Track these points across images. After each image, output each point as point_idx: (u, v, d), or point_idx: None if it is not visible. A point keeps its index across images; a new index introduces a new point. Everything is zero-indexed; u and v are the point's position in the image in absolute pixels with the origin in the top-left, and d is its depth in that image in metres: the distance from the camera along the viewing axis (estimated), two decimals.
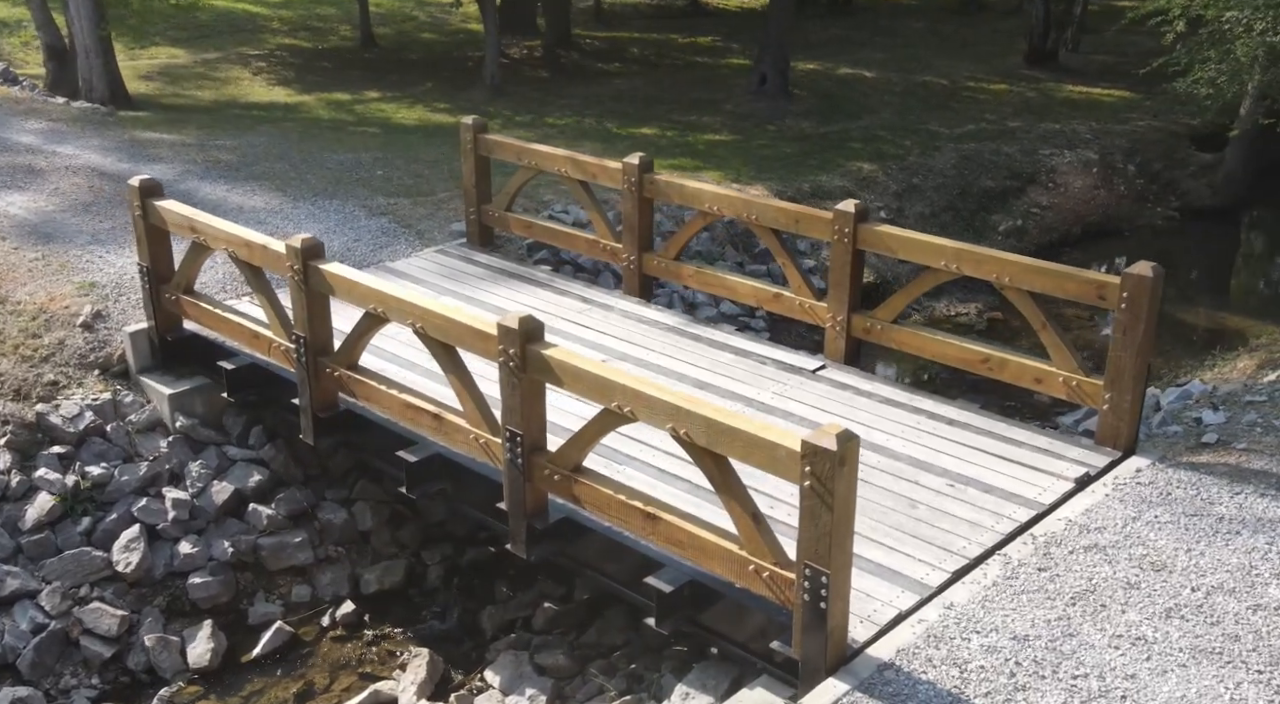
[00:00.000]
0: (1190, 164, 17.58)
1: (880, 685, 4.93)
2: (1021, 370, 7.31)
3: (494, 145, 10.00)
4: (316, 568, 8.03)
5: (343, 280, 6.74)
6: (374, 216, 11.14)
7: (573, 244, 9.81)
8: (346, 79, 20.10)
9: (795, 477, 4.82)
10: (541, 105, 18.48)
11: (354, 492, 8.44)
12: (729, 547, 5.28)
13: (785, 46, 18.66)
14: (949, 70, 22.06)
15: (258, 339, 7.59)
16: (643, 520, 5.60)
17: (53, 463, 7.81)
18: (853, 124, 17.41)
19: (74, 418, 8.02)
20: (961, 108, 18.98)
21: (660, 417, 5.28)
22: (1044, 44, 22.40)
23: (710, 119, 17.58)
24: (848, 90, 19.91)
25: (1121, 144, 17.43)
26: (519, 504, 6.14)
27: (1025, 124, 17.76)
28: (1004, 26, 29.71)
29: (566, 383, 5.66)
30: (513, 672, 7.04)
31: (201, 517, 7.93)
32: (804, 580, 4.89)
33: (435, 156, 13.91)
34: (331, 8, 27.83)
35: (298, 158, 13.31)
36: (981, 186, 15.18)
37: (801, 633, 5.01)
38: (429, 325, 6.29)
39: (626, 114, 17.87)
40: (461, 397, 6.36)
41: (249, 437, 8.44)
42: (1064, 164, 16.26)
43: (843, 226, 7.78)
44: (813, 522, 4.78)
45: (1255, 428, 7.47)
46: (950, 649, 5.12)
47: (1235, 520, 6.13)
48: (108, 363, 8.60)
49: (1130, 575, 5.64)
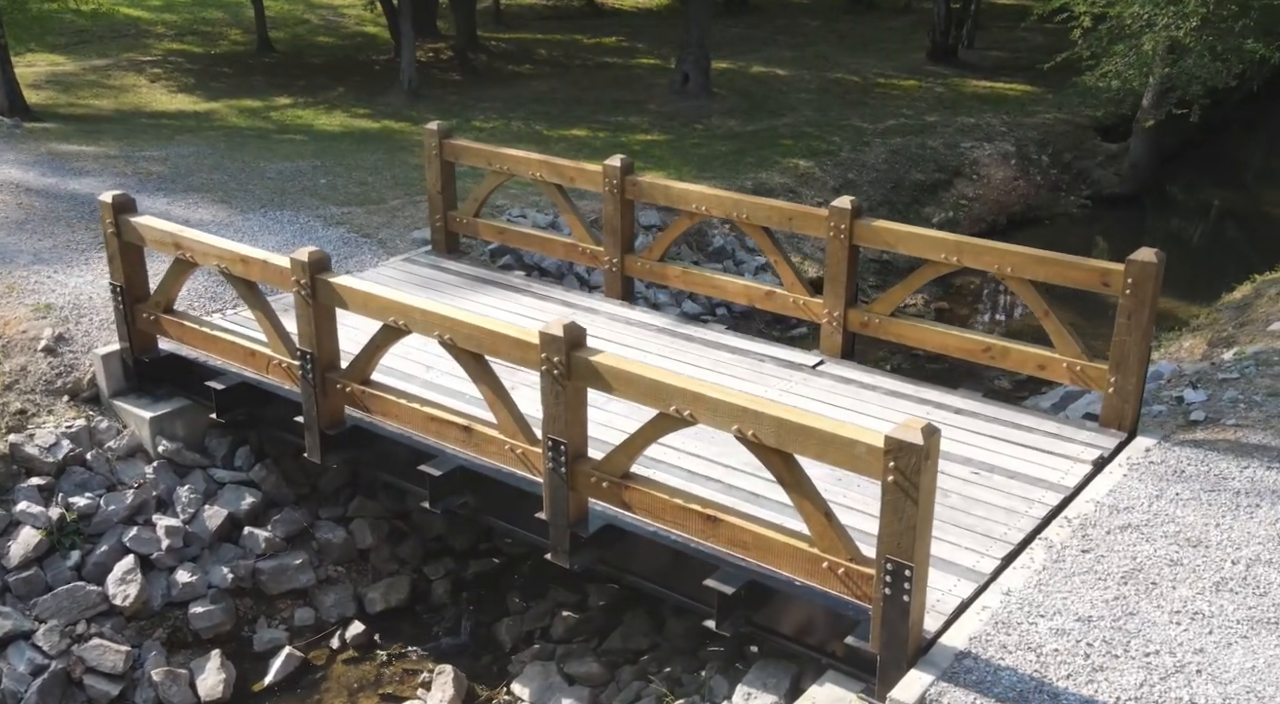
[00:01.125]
0: (1098, 154, 18.26)
1: (962, 674, 5.00)
2: (1024, 358, 7.50)
3: (461, 151, 9.84)
4: (318, 589, 7.80)
5: (357, 293, 6.56)
6: (331, 226, 10.85)
7: (549, 249, 9.71)
8: (251, 85, 19.55)
9: (875, 472, 4.85)
10: (464, 108, 18.27)
11: (349, 509, 8.22)
12: (799, 545, 5.29)
13: (706, 46, 18.78)
14: (858, 68, 22.50)
15: (254, 357, 7.33)
16: (702, 523, 5.57)
17: (33, 495, 7.42)
18: (778, 121, 17.62)
19: (51, 447, 7.64)
20: (877, 104, 19.36)
21: (724, 419, 5.26)
22: (945, 41, 22.99)
23: (637, 119, 17.60)
24: (765, 89, 20.13)
25: (1034, 136, 18.01)
26: (561, 513, 6.05)
27: (942, 118, 18.21)
28: (896, 24, 30.46)
29: (618, 388, 5.60)
30: (542, 683, 6.95)
31: (195, 543, 7.63)
32: (885, 574, 4.93)
33: (373, 163, 13.64)
34: (218, 11, 27.05)
35: (234, 168, 12.90)
36: (913, 180, 15.52)
37: (881, 626, 5.04)
38: (458, 336, 6.15)
39: (552, 116, 17.78)
40: (495, 407, 6.24)
41: (234, 458, 8.16)
42: (984, 156, 16.73)
43: (839, 223, 7.87)
44: (896, 516, 4.82)
45: (1238, 404, 7.79)
46: (1021, 634, 5.22)
47: (1252, 493, 6.39)
48: (77, 388, 8.21)
49: (1170, 552, 5.83)
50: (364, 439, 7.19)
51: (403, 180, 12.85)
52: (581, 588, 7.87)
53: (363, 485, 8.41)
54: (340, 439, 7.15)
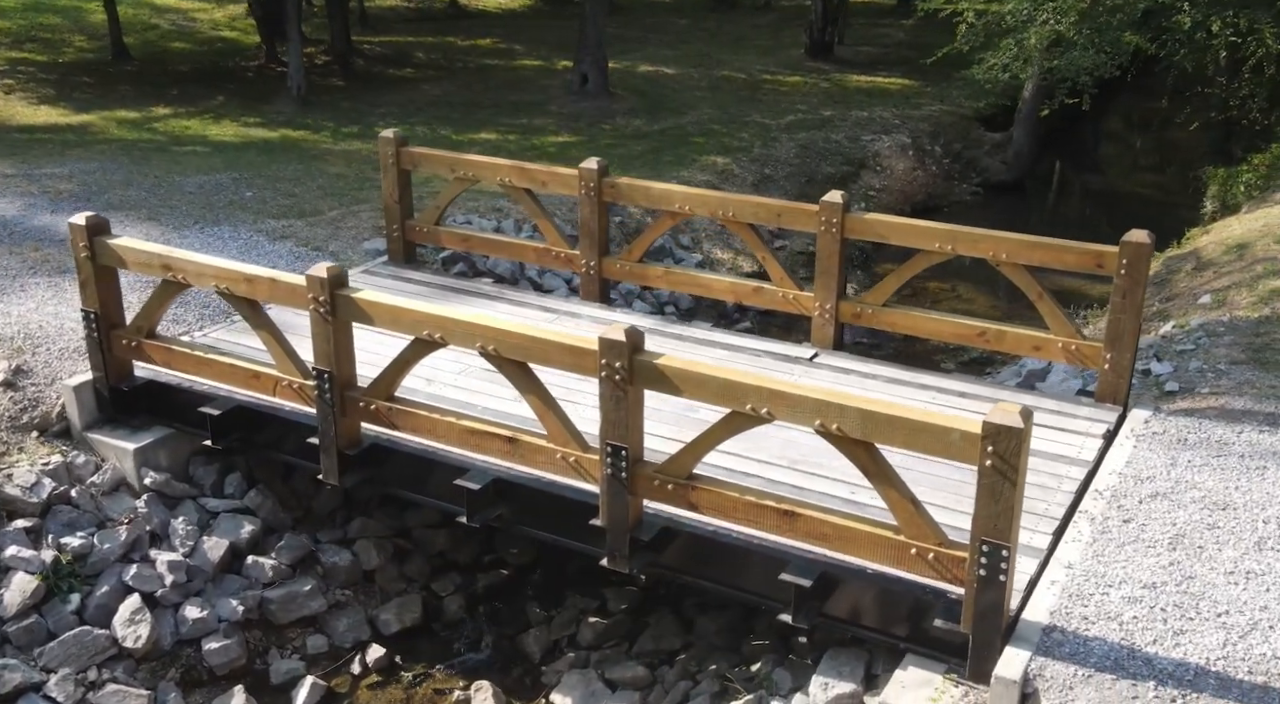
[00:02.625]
0: (984, 143, 19.03)
1: (1055, 649, 5.18)
2: (1019, 340, 7.79)
3: (420, 158, 9.64)
4: (329, 615, 7.54)
5: (385, 308, 6.38)
6: (277, 241, 10.48)
7: (519, 254, 9.61)
8: (120, 95, 18.69)
9: (969, 458, 4.99)
10: (360, 115, 17.87)
11: (349, 531, 7.98)
12: (884, 533, 5.40)
13: (603, 46, 18.81)
14: (742, 65, 22.88)
15: (258, 379, 7.04)
16: (778, 518, 5.62)
17: (20, 539, 6.97)
18: (682, 120, 17.78)
19: (33, 487, 7.18)
20: (770, 100, 19.72)
21: (805, 414, 5.32)
22: (823, 38, 23.57)
23: (542, 121, 17.51)
24: (659, 88, 20.28)
25: (925, 128, 18.65)
26: (620, 518, 6.02)
27: (837, 113, 18.68)
28: (761, 22, 31.12)
29: (687, 390, 5.60)
30: (583, 691, 6.89)
31: (199, 577, 7.29)
32: (980, 557, 5.07)
33: (293, 174, 13.22)
34: (55, 16, 25.69)
35: (148, 183, 12.32)
36: (824, 173, 15.88)
37: (974, 607, 5.18)
38: (504, 346, 6.05)
39: (454, 120, 17.54)
40: (544, 416, 6.16)
41: (224, 486, 7.82)
42: (884, 148, 17.24)
43: (830, 217, 8.02)
44: (993, 499, 4.97)
45: (1206, 374, 8.26)
46: (1096, 605, 5.44)
47: (1255, 456, 6.80)
48: (45, 422, 7.74)
49: (1204, 517, 6.15)
50: (383, 457, 6.99)
51: (330, 190, 12.49)
52: (599, 593, 7.83)
53: (358, 505, 8.18)
54: (358, 459, 6.93)
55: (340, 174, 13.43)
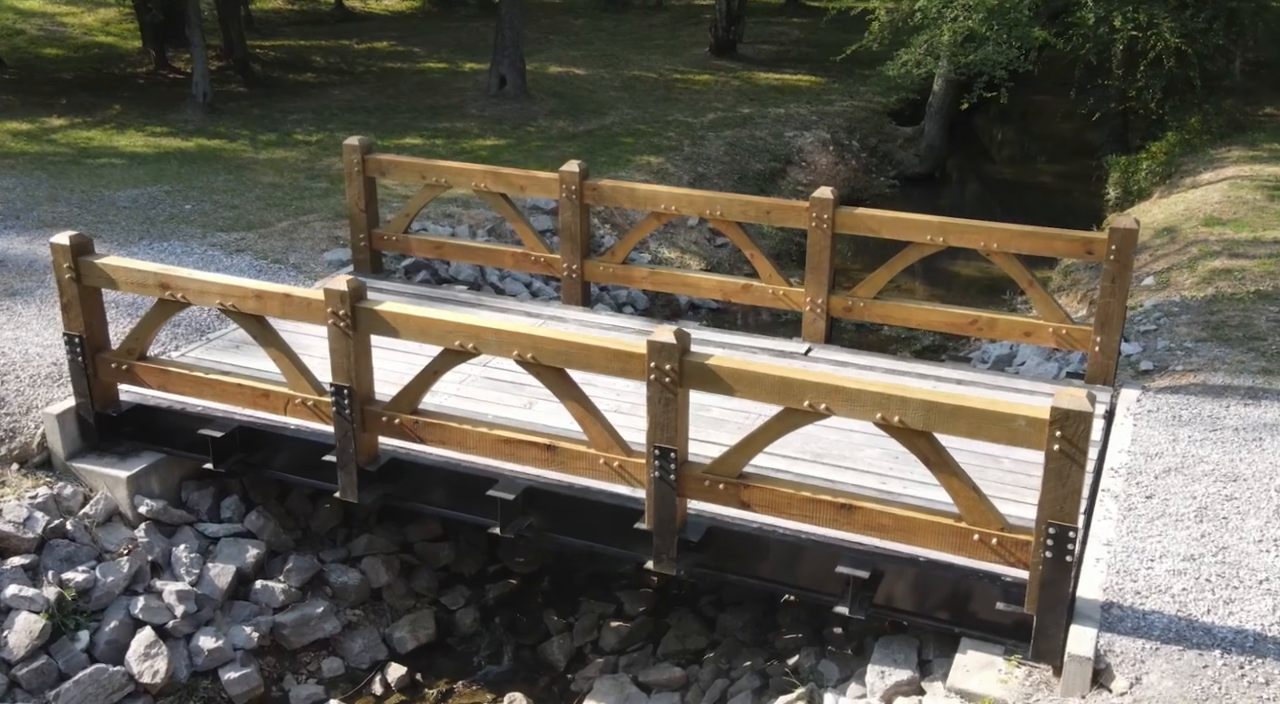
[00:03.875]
0: (897, 137, 19.49)
1: (1117, 624, 5.36)
2: (1011, 327, 8.02)
3: (388, 166, 9.45)
4: (343, 636, 7.35)
5: (414, 319, 6.24)
6: (233, 255, 10.14)
7: (497, 260, 9.48)
8: (3, 105, 17.78)
9: (1034, 443, 5.13)
10: (273, 122, 17.37)
11: (353, 548, 7.79)
12: (945, 522, 5.50)
13: (521, 48, 18.67)
14: (650, 64, 22.95)
15: (267, 398, 6.81)
16: (835, 512, 5.68)
17: (19, 577, 6.62)
18: (605, 120, 17.76)
19: (26, 521, 6.82)
20: (686, 99, 19.84)
21: (866, 408, 5.40)
22: (727, 36, 23.80)
23: (464, 124, 17.29)
24: (573, 88, 20.22)
25: (841, 123, 19.00)
26: (668, 520, 6.01)
27: (755, 110, 18.90)
28: (656, 22, 31.26)
29: (740, 390, 5.63)
30: (618, 695, 6.86)
31: (208, 605, 7.03)
32: (1046, 539, 5.21)
33: (225, 185, 12.80)
34: None
35: (76, 199, 11.79)
36: (754, 170, 16.06)
37: (1040, 590, 5.32)
38: (543, 352, 5.98)
39: (372, 125, 17.19)
40: (585, 422, 6.10)
41: (220, 510, 7.55)
42: (807, 144, 17.51)
43: (820, 213, 8.14)
44: (1060, 482, 5.11)
45: (1176, 352, 8.63)
46: (1145, 580, 5.65)
47: (1248, 429, 7.14)
48: (25, 453, 7.37)
49: (1219, 489, 6.44)
50: (403, 472, 6.84)
51: (271, 201, 12.13)
52: (614, 597, 7.80)
53: (357, 522, 7.99)
54: (376, 475, 6.77)
55: (275, 184, 13.05)
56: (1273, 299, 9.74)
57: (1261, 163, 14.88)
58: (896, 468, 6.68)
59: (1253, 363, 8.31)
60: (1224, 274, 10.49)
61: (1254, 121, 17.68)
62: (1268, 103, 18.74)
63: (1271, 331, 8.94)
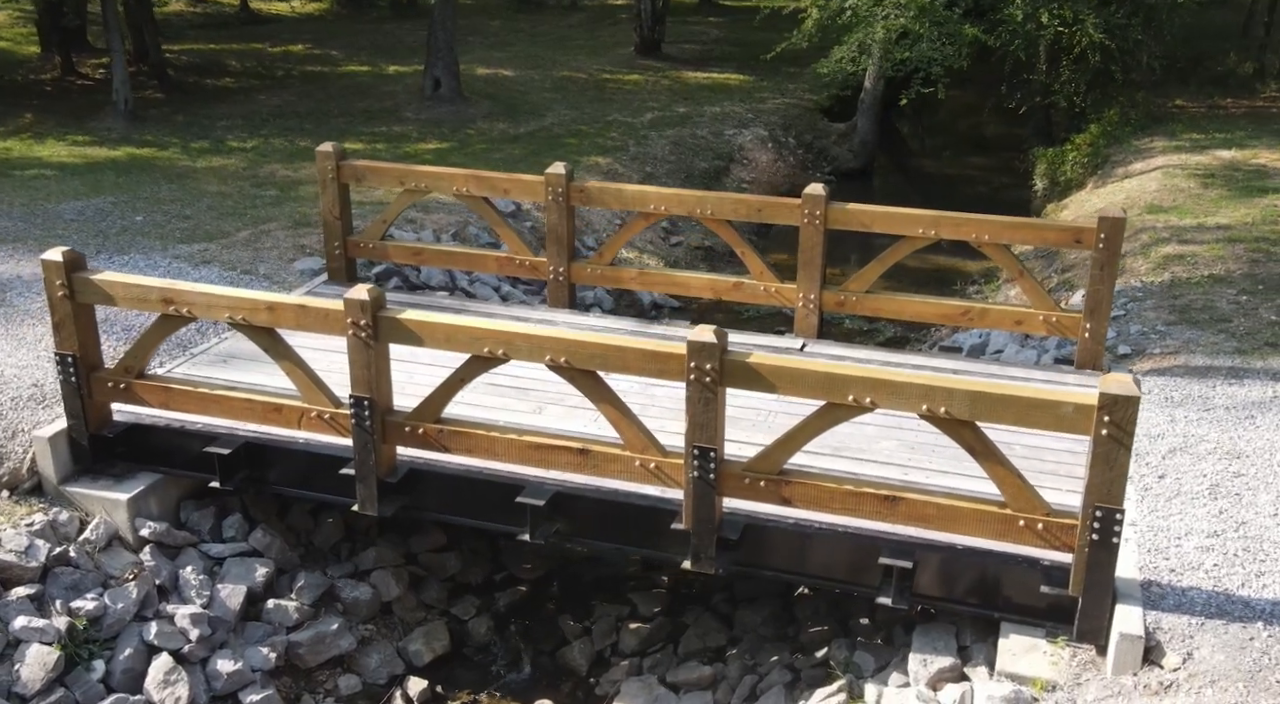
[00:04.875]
0: (831, 133, 19.76)
1: (1159, 602, 5.53)
2: (1002, 316, 8.21)
3: (364, 172, 9.28)
4: (358, 653, 7.20)
5: (439, 326, 6.14)
6: (200, 267, 9.85)
7: (480, 265, 9.38)
8: None
9: (1081, 429, 5.25)
10: (203, 128, 16.90)
11: (359, 562, 7.63)
12: (990, 509, 5.61)
13: (454, 50, 18.47)
14: (578, 65, 22.92)
15: (279, 412, 6.64)
16: (878, 504, 5.75)
17: (26, 608, 6.36)
18: (544, 121, 17.68)
19: (27, 550, 6.55)
20: (620, 98, 19.85)
21: (911, 400, 5.47)
22: (653, 36, 23.87)
23: (402, 128, 17.05)
24: (506, 90, 20.08)
25: (776, 121, 19.20)
26: (707, 520, 6.02)
27: (692, 109, 18.99)
28: (572, 21, 31.28)
29: (782, 386, 5.66)
30: (647, 697, 6.85)
31: (220, 627, 6.83)
32: (1093, 522, 5.34)
33: (171, 195, 12.43)
34: None
35: (17, 213, 11.35)
36: (700, 168, 16.14)
37: (1085, 572, 5.45)
38: (577, 356, 5.94)
39: (307, 131, 16.84)
40: (620, 424, 6.08)
41: (222, 529, 7.34)
42: (747, 142, 17.66)
43: (813, 209, 8.22)
44: (1107, 466, 5.25)
45: (1150, 335, 8.92)
46: (1177, 558, 5.83)
47: (1238, 408, 7.41)
48: (15, 479, 7.09)
49: (1225, 467, 6.67)
50: (422, 483, 6.73)
51: (223, 210, 11.81)
52: (626, 599, 7.78)
53: (360, 535, 7.84)
54: (395, 486, 6.65)
55: (222, 192, 12.71)
56: (1227, 282, 10.12)
57: (1186, 152, 15.45)
58: (915, 458, 6.78)
59: (1225, 344, 8.62)
60: (1177, 259, 10.87)
61: (1168, 113, 18.33)
62: (1176, 95, 19.43)
63: (1235, 313, 9.29)
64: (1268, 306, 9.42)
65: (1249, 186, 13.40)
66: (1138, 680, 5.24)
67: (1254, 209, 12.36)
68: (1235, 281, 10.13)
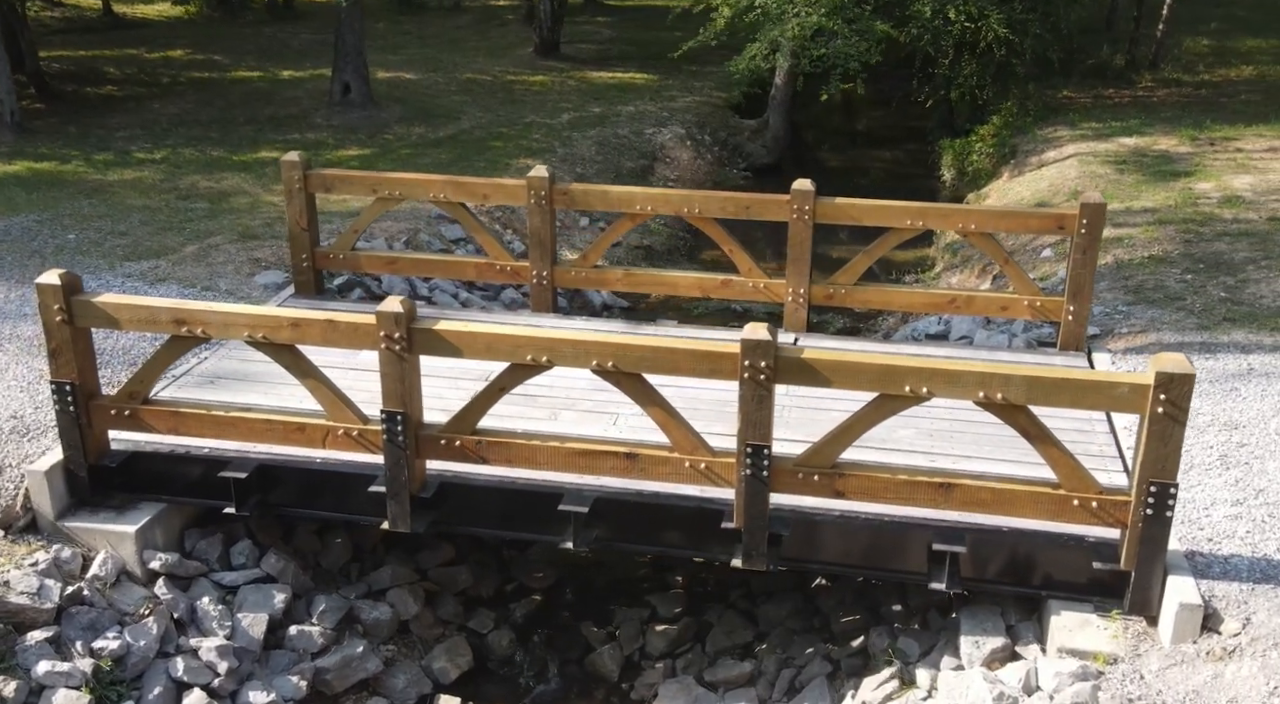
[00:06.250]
0: (743, 130, 19.98)
1: (1207, 570, 5.77)
2: (988, 302, 8.43)
3: (333, 181, 9.02)
4: (384, 675, 7.00)
5: (479, 336, 6.01)
6: (156, 285, 9.43)
7: (459, 272, 9.22)
8: None
9: (1136, 408, 5.44)
10: (102, 140, 16.13)
11: (372, 581, 7.43)
12: (1043, 490, 5.76)
13: (364, 54, 18.06)
14: (480, 67, 22.64)
15: (302, 432, 6.41)
16: (933, 492, 5.86)
17: (46, 652, 6.01)
18: (461, 125, 17.42)
19: (39, 591, 6.19)
20: (532, 100, 19.69)
21: (968, 388, 5.59)
22: (552, 37, 23.75)
23: (316, 135, 16.59)
24: (413, 94, 19.71)
25: (691, 119, 19.31)
26: (759, 517, 6.04)
27: (605, 109, 18.95)
28: (460, 22, 30.86)
29: (838, 381, 5.72)
30: (686, 698, 6.84)
31: (246, 658, 6.57)
32: (1147, 497, 5.54)
33: (97, 211, 11.86)
34: None
35: None
36: (626, 167, 16.13)
37: (1139, 545, 5.65)
38: (625, 360, 5.89)
39: (214, 139, 16.24)
40: (668, 426, 6.05)
41: (230, 556, 7.06)
42: (667, 141, 17.72)
43: (801, 205, 8.31)
44: (1162, 442, 5.45)
45: (1114, 316, 9.28)
46: (1210, 527, 6.09)
47: (1221, 381, 7.77)
48: (9, 517, 6.70)
49: (1228, 438, 6.99)
50: (455, 496, 6.59)
51: (159, 225, 11.33)
52: (645, 601, 7.74)
53: (366, 553, 7.63)
54: (428, 501, 6.50)
55: (149, 207, 12.17)
56: (1168, 263, 10.59)
57: (1092, 140, 16.09)
58: (936, 445, 6.93)
59: (1187, 321, 9.03)
60: (1115, 242, 11.31)
61: (1059, 104, 19.07)
62: (1061, 87, 20.21)
63: (1186, 292, 9.73)
64: (1214, 284, 9.89)
65: (1160, 171, 14.04)
66: (1199, 648, 5.45)
67: (1172, 192, 12.95)
68: (1176, 262, 10.60)
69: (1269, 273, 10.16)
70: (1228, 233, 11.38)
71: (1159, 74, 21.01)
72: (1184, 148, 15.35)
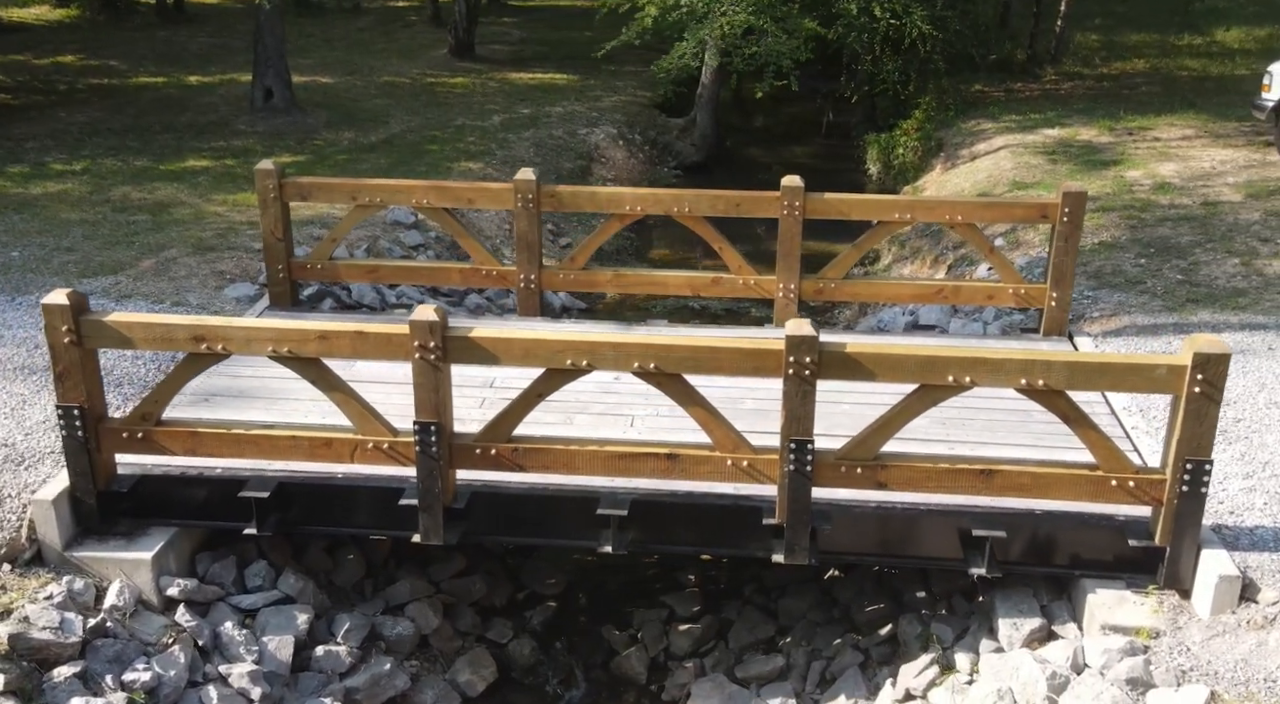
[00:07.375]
0: (672, 129, 20.06)
1: (1235, 542, 5.99)
2: (974, 292, 8.63)
3: (310, 188, 8.82)
4: (412, 691, 6.86)
5: (515, 342, 5.93)
6: (122, 301, 9.07)
7: (444, 278, 9.07)
8: None
9: (1173, 388, 5.63)
10: (10, 152, 15.30)
11: (390, 596, 7.28)
12: (1081, 473, 5.92)
13: (285, 57, 17.62)
14: (397, 69, 22.30)
15: (329, 447, 6.24)
16: (975, 479, 5.97)
17: (76, 688, 5.76)
18: (391, 129, 17.13)
19: (62, 625, 5.92)
20: (457, 102, 19.46)
21: (1010, 376, 5.71)
22: (468, 38, 23.51)
23: (242, 142, 16.12)
24: (335, 98, 19.30)
25: (620, 118, 19.30)
26: (802, 512, 6.09)
27: (534, 111, 18.83)
28: (362, 24, 30.34)
29: (881, 373, 5.79)
30: (720, 696, 6.85)
31: (276, 682, 6.37)
32: (1183, 474, 5.73)
33: (32, 228, 11.34)
34: None
35: None
36: (565, 168, 16.05)
37: (1174, 522, 5.85)
38: (667, 361, 5.87)
39: (134, 149, 15.65)
40: (710, 426, 6.05)
41: (245, 579, 6.85)
42: (600, 141, 17.69)
43: (792, 201, 8.39)
44: (1198, 420, 5.65)
45: (1081, 301, 9.56)
46: (1230, 501, 6.33)
47: None
48: (14, 550, 6.39)
49: (1224, 413, 7.22)
50: (487, 506, 6.49)
51: (106, 240, 10.89)
52: (662, 601, 7.73)
53: (377, 568, 7.47)
54: (460, 512, 6.39)
55: (86, 220, 11.69)
56: (1119, 248, 10.97)
57: (1017, 132, 16.57)
58: (951, 433, 7.06)
59: (1153, 303, 9.37)
60: None
61: (975, 98, 19.59)
62: (973, 82, 20.75)
63: (1144, 275, 10.09)
64: (1169, 267, 10.28)
65: (1090, 161, 14.52)
66: (1238, 618, 5.66)
67: (1106, 181, 13.41)
68: (1126, 247, 10.99)
69: (1215, 255, 10.59)
70: (1168, 218, 11.84)
71: (1060, 68, 21.71)
72: (1105, 138, 15.91)
